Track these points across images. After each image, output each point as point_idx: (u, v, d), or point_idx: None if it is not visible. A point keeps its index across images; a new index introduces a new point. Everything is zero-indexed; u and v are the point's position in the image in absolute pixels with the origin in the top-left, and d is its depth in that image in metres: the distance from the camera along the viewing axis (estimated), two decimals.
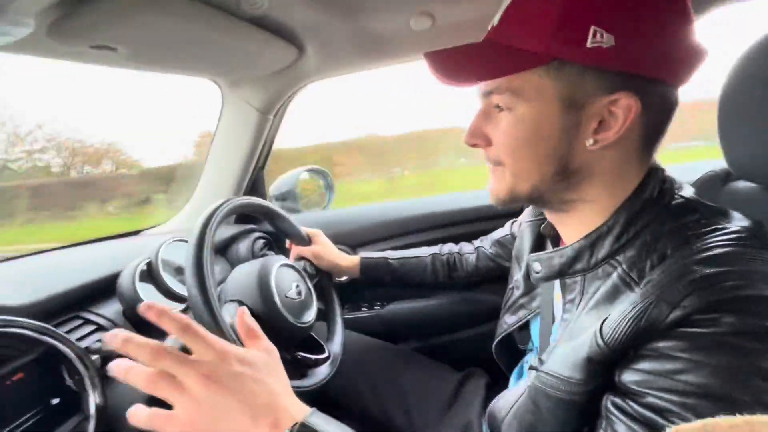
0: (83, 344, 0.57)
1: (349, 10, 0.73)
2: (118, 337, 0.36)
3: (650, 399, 0.32)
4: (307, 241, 0.83)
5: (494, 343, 0.66)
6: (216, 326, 0.50)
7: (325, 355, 0.69)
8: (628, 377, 0.34)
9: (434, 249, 0.88)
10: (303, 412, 0.36)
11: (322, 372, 0.67)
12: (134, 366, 0.35)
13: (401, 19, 0.78)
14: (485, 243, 0.86)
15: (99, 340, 0.60)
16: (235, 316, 0.46)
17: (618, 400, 0.35)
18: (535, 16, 0.38)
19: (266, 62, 0.83)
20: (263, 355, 0.40)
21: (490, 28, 0.43)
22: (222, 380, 0.34)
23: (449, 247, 0.89)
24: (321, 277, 0.85)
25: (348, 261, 0.86)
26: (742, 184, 0.57)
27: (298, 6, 0.68)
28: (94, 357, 0.57)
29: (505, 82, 0.41)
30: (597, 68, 0.37)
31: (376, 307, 1.08)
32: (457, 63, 0.42)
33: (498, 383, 0.76)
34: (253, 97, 0.94)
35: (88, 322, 0.62)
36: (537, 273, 0.49)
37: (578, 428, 0.41)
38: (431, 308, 1.01)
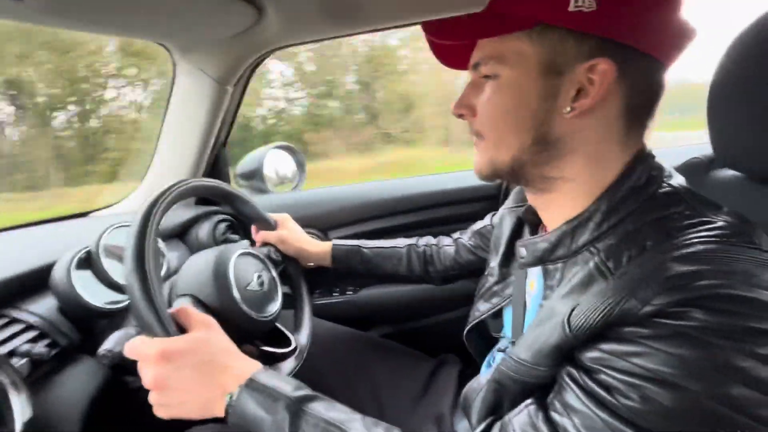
0: (7, 348, 0.50)
1: None
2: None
3: (602, 376, 0.33)
4: (272, 225, 0.78)
5: (466, 330, 0.65)
6: (160, 328, 0.44)
7: (292, 347, 0.64)
8: (587, 354, 0.35)
9: (411, 240, 0.85)
10: (249, 371, 0.45)
11: (288, 366, 0.63)
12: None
13: None
14: (465, 235, 0.83)
15: (29, 341, 0.54)
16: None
17: (573, 371, 0.36)
18: None
19: (222, 24, 0.74)
20: (201, 334, 0.46)
21: None
22: (166, 383, 0.44)
23: (427, 239, 0.85)
24: (287, 264, 0.79)
25: (317, 247, 0.81)
26: (726, 173, 0.56)
27: None
28: (21, 361, 0.50)
29: (490, 50, 0.42)
30: (578, 34, 0.38)
31: (348, 293, 1.04)
32: (450, 26, 0.45)
33: (471, 370, 0.75)
34: (208, 64, 0.84)
35: (15, 321, 0.55)
36: (522, 258, 0.49)
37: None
38: (405, 293, 0.99)
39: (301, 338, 0.70)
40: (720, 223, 0.35)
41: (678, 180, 0.42)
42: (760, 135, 0.46)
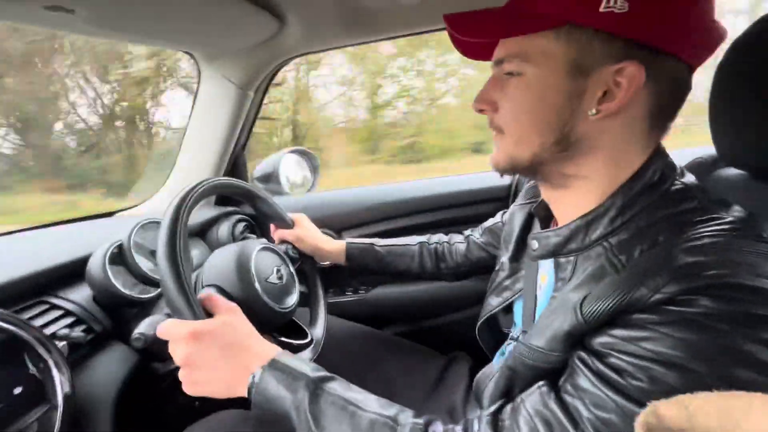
0: (49, 330, 0.54)
1: None
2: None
3: (612, 359, 0.34)
4: (290, 224, 0.81)
5: (478, 324, 0.66)
6: (189, 312, 0.47)
7: (308, 339, 0.67)
8: (598, 339, 0.36)
9: (422, 238, 0.86)
10: (272, 353, 0.48)
11: (304, 357, 0.66)
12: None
13: None
14: (476, 232, 0.84)
15: (67, 326, 0.58)
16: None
17: (584, 355, 0.37)
18: None
19: (245, 34, 0.78)
20: (226, 317, 0.50)
21: None
22: (195, 361, 0.47)
23: (438, 237, 0.86)
24: (304, 262, 0.82)
25: (332, 245, 0.84)
26: (730, 171, 0.57)
27: None
28: (61, 344, 0.54)
29: (515, 47, 0.42)
30: (607, 35, 0.37)
31: (360, 292, 1.06)
32: (474, 22, 0.43)
33: (482, 366, 0.75)
34: (231, 71, 0.89)
35: (54, 307, 0.59)
36: (534, 251, 0.49)
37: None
38: (417, 293, 1.01)
39: (317, 332, 0.72)
40: (729, 219, 0.36)
41: (689, 178, 0.42)
42: (761, 133, 0.47)
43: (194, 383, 0.48)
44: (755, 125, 0.48)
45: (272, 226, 0.82)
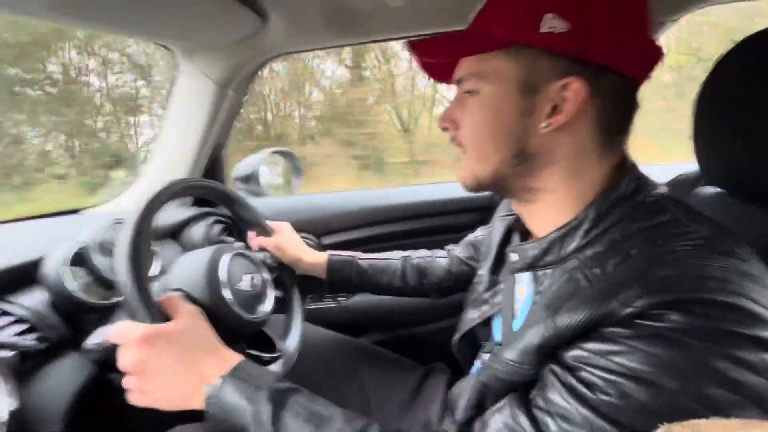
0: None
1: None
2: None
3: (583, 373, 0.34)
4: (269, 231, 0.78)
5: (455, 339, 0.65)
6: (144, 313, 0.45)
7: (277, 354, 0.64)
8: (570, 352, 0.36)
9: (405, 253, 0.85)
10: (233, 362, 0.46)
11: (273, 371, 0.63)
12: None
13: None
14: (458, 247, 0.84)
15: (17, 334, 0.53)
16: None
17: (556, 368, 0.37)
18: (500, 5, 0.43)
19: (225, 30, 0.76)
20: (185, 321, 0.48)
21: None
22: (145, 368, 0.44)
23: (421, 252, 0.86)
24: (282, 272, 0.79)
25: (313, 257, 0.81)
26: (711, 189, 0.57)
27: None
28: (10, 354, 0.50)
29: (472, 67, 0.44)
30: (551, 53, 0.40)
31: (339, 299, 1.04)
32: (433, 45, 0.47)
33: (460, 379, 0.75)
34: (210, 68, 0.86)
35: (4, 313, 0.54)
36: (513, 263, 0.50)
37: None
38: (397, 301, 0.99)
39: (289, 345, 0.69)
40: (701, 233, 0.36)
41: (662, 190, 0.43)
42: (741, 153, 0.48)
43: (142, 392, 0.45)
44: (735, 144, 0.49)
45: (250, 233, 0.79)
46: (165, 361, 0.44)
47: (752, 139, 0.47)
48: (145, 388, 0.45)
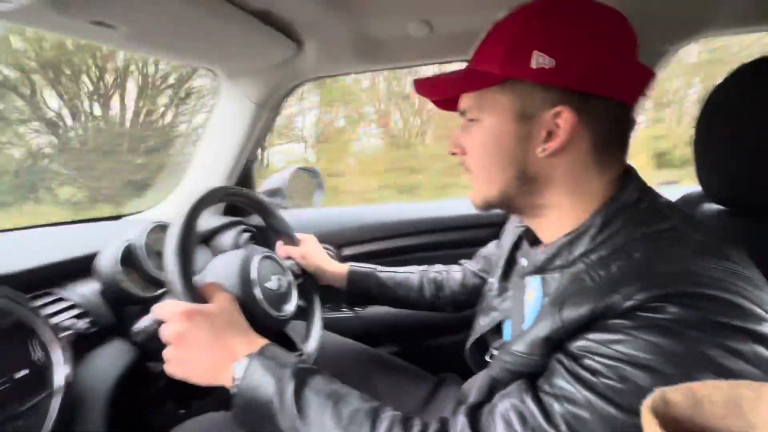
0: (55, 320, 0.57)
1: (349, 11, 0.75)
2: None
3: (587, 361, 0.37)
4: (296, 241, 0.83)
5: (467, 345, 0.67)
6: (187, 294, 0.51)
7: (298, 354, 0.68)
8: (575, 343, 0.39)
9: (423, 267, 0.88)
10: (261, 342, 0.50)
11: None
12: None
13: (400, 25, 0.80)
14: (471, 261, 0.87)
15: (72, 317, 0.60)
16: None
17: (562, 357, 0.39)
18: (493, 45, 0.46)
19: (265, 55, 0.84)
20: (221, 305, 0.53)
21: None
22: (184, 340, 0.49)
23: (438, 267, 0.89)
24: (305, 279, 0.83)
25: (335, 267, 0.85)
26: (714, 207, 0.59)
27: (300, 2, 0.69)
28: (66, 333, 0.56)
29: (472, 100, 0.49)
30: (542, 85, 0.43)
31: (356, 309, 1.08)
32: (436, 84, 0.52)
33: None
34: (250, 89, 0.95)
35: (61, 299, 0.61)
36: (524, 267, 0.53)
37: None
38: (411, 313, 1.01)
39: (309, 347, 0.73)
40: (700, 239, 0.40)
41: (663, 198, 0.46)
42: (741, 171, 0.51)
43: (178, 362, 0.50)
44: (735, 163, 0.51)
45: (279, 242, 0.85)
46: (201, 336, 0.49)
47: (751, 158, 0.50)
48: (182, 358, 0.49)
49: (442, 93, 0.52)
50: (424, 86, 0.52)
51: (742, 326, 0.33)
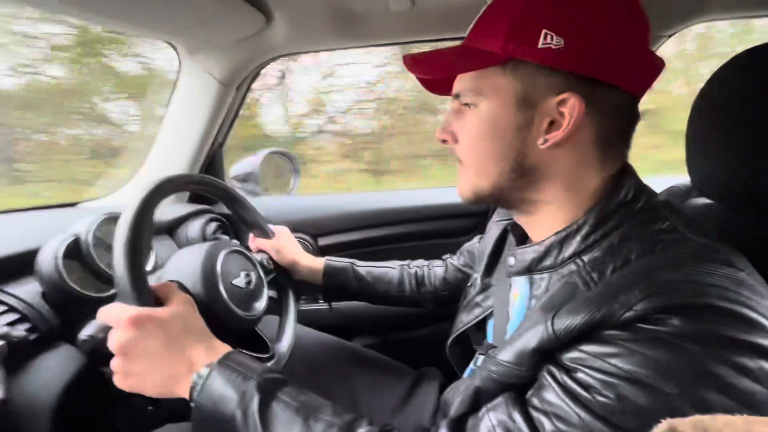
0: None
1: None
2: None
3: (580, 375, 0.34)
4: (269, 234, 0.78)
5: (449, 342, 0.65)
6: (135, 295, 0.45)
7: (269, 354, 0.64)
8: (568, 354, 0.36)
9: (403, 262, 0.86)
10: (222, 350, 0.45)
11: None
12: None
13: None
14: (454, 256, 0.85)
15: (8, 324, 0.53)
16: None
17: (553, 369, 0.37)
18: (495, 20, 0.42)
19: (230, 28, 0.76)
20: (175, 308, 0.47)
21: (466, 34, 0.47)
22: (131, 350, 0.43)
23: (419, 262, 0.86)
24: (279, 274, 0.79)
25: (310, 262, 0.81)
26: (701, 201, 0.58)
27: None
28: (0, 343, 0.49)
29: (469, 82, 0.44)
30: (548, 68, 0.40)
31: (332, 305, 1.04)
32: (430, 60, 0.46)
33: (452, 383, 0.74)
34: (214, 66, 0.87)
35: None
36: (510, 267, 0.50)
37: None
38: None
39: (281, 347, 0.69)
40: (700, 242, 0.37)
41: (660, 198, 0.43)
42: (732, 165, 0.49)
43: (126, 375, 0.44)
44: (727, 157, 0.49)
45: (251, 235, 0.79)
46: (152, 345, 0.43)
47: (742, 152, 0.48)
48: (130, 370, 0.44)
49: (435, 71, 0.46)
50: (416, 62, 0.47)
51: (749, 340, 0.31)
